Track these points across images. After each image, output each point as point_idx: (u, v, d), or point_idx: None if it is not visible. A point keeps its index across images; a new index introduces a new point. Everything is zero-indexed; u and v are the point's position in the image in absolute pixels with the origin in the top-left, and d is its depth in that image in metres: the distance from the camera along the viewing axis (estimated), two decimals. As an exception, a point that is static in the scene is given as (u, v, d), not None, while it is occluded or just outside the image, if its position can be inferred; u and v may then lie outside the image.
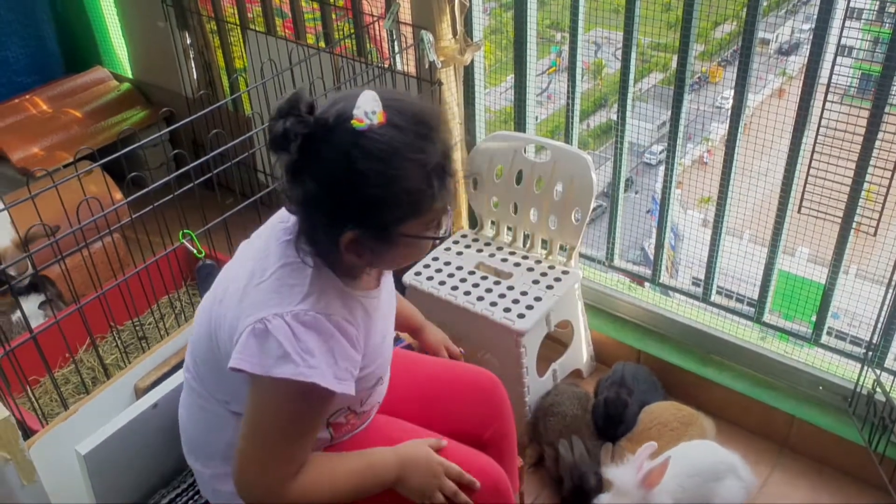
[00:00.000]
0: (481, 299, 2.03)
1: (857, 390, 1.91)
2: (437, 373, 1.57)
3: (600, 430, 1.98)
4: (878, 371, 1.87)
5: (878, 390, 1.85)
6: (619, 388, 2.03)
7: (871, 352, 1.85)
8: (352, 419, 1.33)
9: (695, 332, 2.20)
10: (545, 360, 2.12)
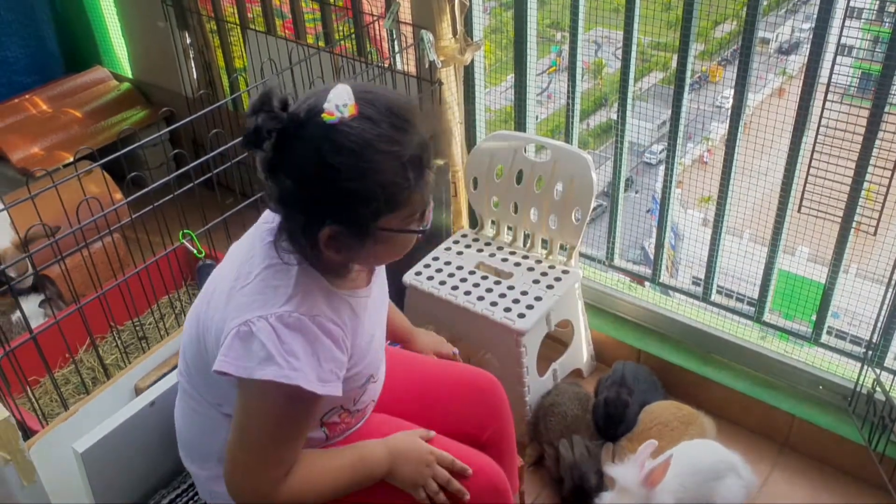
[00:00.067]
0: (481, 299, 2.03)
1: (857, 389, 1.91)
2: (436, 373, 1.56)
3: (600, 429, 1.98)
4: (878, 370, 1.87)
5: (878, 389, 1.85)
6: (620, 388, 2.03)
7: (870, 351, 1.85)
8: (346, 418, 1.33)
9: (695, 332, 2.20)
10: (545, 360, 2.12)
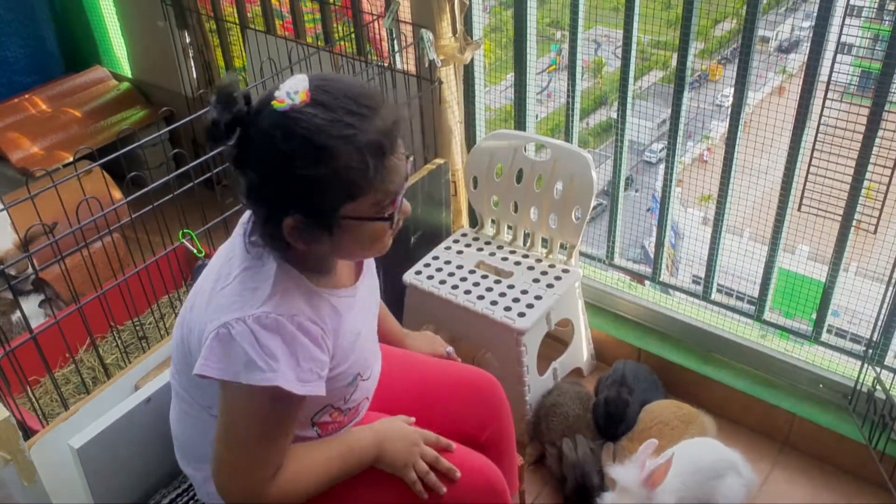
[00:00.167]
0: (481, 298, 2.03)
1: (858, 388, 1.91)
2: (435, 374, 1.56)
3: (601, 428, 1.98)
4: (879, 369, 1.87)
5: (879, 388, 1.85)
6: (620, 387, 2.03)
7: (871, 349, 1.85)
8: (337, 417, 1.31)
9: (695, 331, 2.20)
10: (545, 359, 2.12)
